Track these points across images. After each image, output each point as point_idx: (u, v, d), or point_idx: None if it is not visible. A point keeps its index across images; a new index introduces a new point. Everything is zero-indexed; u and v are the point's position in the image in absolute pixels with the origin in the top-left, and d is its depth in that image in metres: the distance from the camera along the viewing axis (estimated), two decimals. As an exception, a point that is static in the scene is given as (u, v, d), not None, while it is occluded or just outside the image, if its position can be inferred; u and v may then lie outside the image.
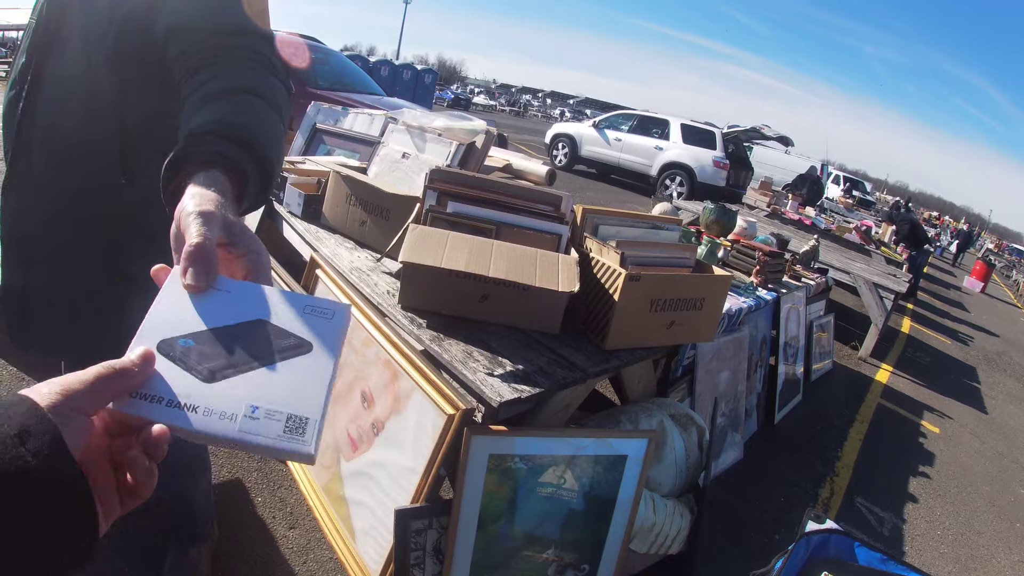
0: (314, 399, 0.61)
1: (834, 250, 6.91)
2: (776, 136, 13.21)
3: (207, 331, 0.65)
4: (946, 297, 13.30)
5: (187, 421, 0.57)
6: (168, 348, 0.61)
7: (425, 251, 1.78)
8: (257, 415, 0.58)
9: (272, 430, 0.58)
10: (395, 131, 2.81)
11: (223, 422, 0.57)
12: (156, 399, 0.57)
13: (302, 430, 0.58)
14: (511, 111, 53.67)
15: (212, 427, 0.57)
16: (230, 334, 0.65)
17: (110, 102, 1.17)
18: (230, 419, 0.57)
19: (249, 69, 1.06)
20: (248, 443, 0.57)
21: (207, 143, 0.83)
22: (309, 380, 0.63)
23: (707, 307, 2.20)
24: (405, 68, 24.75)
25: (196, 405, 0.58)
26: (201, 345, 0.63)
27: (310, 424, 0.59)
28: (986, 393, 6.58)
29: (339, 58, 8.21)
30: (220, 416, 0.57)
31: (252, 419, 0.58)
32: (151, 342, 0.61)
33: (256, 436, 0.57)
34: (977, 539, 3.54)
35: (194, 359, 0.61)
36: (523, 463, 1.74)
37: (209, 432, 0.57)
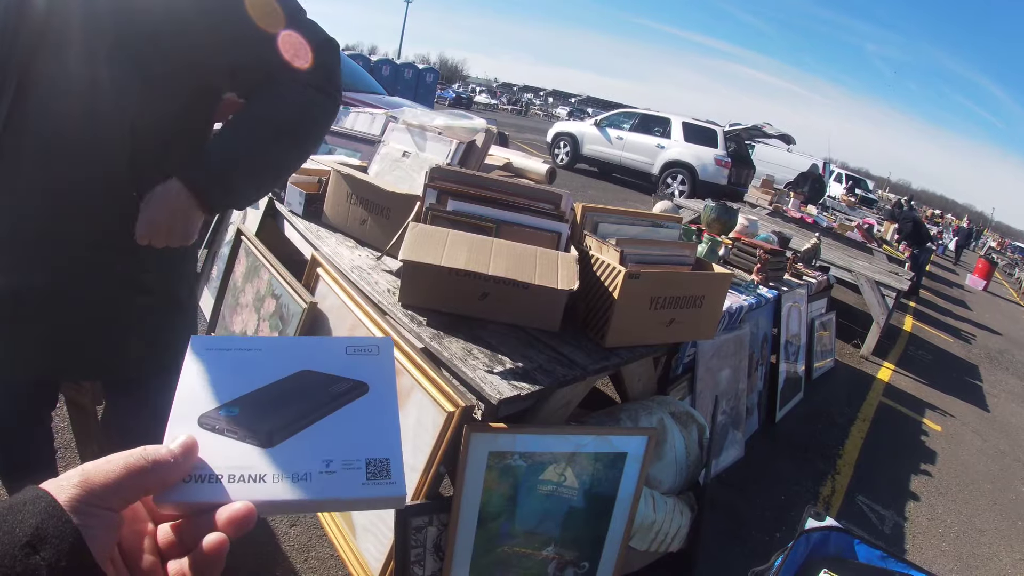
0: (388, 437, 0.58)
1: (836, 248, 6.90)
2: (778, 134, 13.21)
3: (250, 395, 0.60)
4: (948, 295, 13.29)
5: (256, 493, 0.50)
6: (211, 422, 0.56)
7: (425, 249, 1.78)
8: (333, 468, 0.53)
9: (354, 480, 0.53)
10: (395, 130, 2.82)
11: (298, 485, 0.52)
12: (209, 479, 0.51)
13: (386, 472, 0.54)
14: (513, 110, 53.71)
15: (287, 493, 0.51)
16: (276, 392, 0.61)
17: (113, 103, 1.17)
18: (304, 480, 0.52)
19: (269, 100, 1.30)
20: (332, 500, 0.52)
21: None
22: (377, 420, 0.59)
23: (707, 305, 2.20)
24: (407, 67, 24.81)
25: (262, 474, 0.52)
26: (247, 410, 0.57)
27: (393, 464, 0.55)
28: (988, 391, 6.57)
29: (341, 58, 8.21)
30: (293, 480, 0.52)
31: (329, 474, 0.53)
32: (189, 421, 0.55)
33: (339, 491, 0.52)
34: (979, 537, 3.54)
35: (244, 426, 0.55)
36: (523, 460, 1.75)
37: (286, 500, 0.51)
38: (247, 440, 0.54)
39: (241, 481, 0.51)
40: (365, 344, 0.67)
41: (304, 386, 0.61)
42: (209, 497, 0.49)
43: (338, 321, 2.16)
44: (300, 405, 0.59)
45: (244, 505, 0.48)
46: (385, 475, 0.54)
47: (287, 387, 0.61)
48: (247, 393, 0.59)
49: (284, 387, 0.61)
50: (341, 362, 0.64)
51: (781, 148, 18.83)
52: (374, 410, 0.60)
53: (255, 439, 0.54)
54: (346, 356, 0.65)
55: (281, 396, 0.60)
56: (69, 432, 2.47)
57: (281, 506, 0.51)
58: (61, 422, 2.59)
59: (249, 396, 0.59)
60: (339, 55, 1.41)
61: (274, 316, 2.41)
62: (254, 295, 2.59)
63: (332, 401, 0.60)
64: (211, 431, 0.54)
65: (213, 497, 0.49)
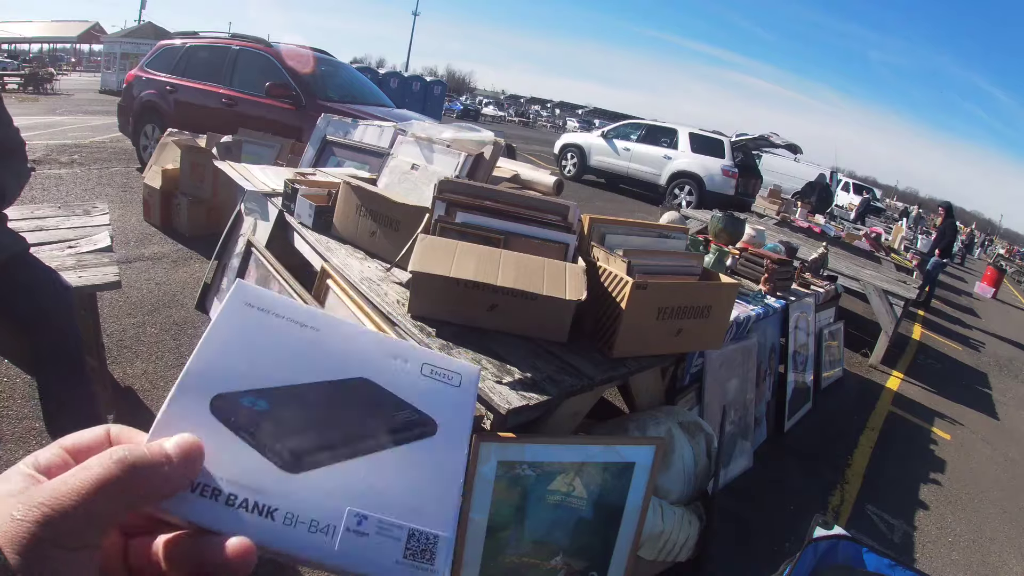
0: (444, 506, 0.44)
1: (843, 257, 6.90)
2: (785, 144, 13.23)
3: (287, 388, 0.46)
4: (957, 303, 13.23)
5: (257, 530, 0.38)
6: (228, 409, 0.43)
7: (434, 261, 1.80)
8: (365, 528, 0.40)
9: (387, 553, 0.40)
10: (404, 142, 2.84)
11: (314, 537, 0.39)
12: (208, 492, 0.39)
13: (430, 554, 0.41)
14: (520, 121, 53.85)
15: (297, 546, 0.39)
16: (323, 397, 0.47)
17: None
18: (325, 533, 0.39)
19: None
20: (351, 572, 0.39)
21: None
22: (437, 478, 0.45)
23: (714, 315, 2.21)
24: (414, 80, 24.96)
25: (273, 507, 0.39)
26: (278, 410, 0.44)
27: (441, 545, 0.42)
28: (998, 399, 6.54)
29: (349, 71, 8.26)
30: (311, 528, 0.39)
31: (358, 536, 0.40)
32: (201, 399, 0.43)
33: (364, 563, 0.39)
34: (989, 546, 3.53)
35: (268, 433, 0.43)
36: (532, 470, 1.76)
37: (292, 551, 0.39)
38: (267, 453, 0.42)
39: (243, 508, 0.39)
40: (447, 368, 0.53)
41: (360, 402, 0.48)
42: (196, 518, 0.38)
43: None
44: (348, 426, 0.46)
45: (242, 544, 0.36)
46: (428, 557, 0.41)
47: (338, 395, 0.48)
48: (285, 386, 0.46)
49: (333, 393, 0.47)
50: (412, 382, 0.50)
51: (788, 158, 18.84)
52: (437, 462, 0.46)
53: (278, 456, 0.42)
54: (420, 377, 0.51)
55: (327, 405, 0.47)
56: (81, 442, 2.50)
57: (284, 556, 0.39)
58: (74, 432, 2.61)
59: (286, 391, 0.46)
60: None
61: (284, 327, 2.43)
62: (264, 306, 2.61)
63: (388, 433, 0.46)
64: (225, 423, 0.42)
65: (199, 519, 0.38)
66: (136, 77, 8.07)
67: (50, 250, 2.42)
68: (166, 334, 3.66)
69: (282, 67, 6.86)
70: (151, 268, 4.65)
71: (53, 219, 2.77)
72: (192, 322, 3.82)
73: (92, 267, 2.37)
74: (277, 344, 0.48)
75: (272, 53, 7.03)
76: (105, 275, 2.34)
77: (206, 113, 7.08)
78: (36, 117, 12.61)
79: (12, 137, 2.02)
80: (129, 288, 4.08)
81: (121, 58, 24.25)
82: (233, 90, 7.03)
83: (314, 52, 7.79)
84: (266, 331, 0.49)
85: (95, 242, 2.58)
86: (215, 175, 5.34)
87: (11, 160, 2.00)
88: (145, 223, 5.71)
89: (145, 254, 4.95)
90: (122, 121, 8.26)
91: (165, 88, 7.55)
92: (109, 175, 7.49)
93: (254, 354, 0.47)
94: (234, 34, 8.02)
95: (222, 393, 0.44)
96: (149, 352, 3.42)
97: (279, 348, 0.48)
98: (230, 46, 7.42)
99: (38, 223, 2.68)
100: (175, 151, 5.67)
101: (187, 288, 4.34)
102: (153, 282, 4.38)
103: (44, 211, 2.84)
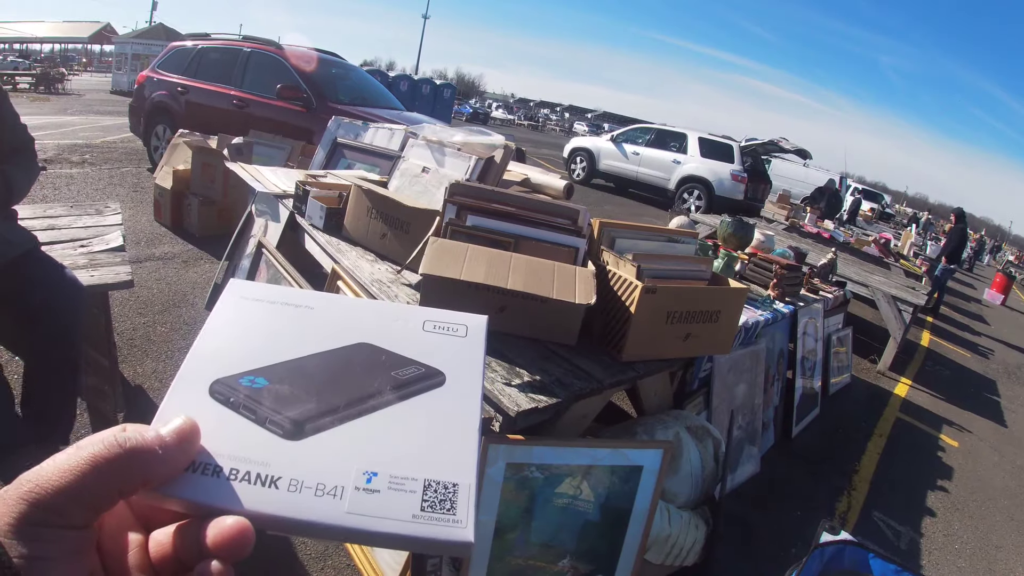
0: (461, 454, 0.42)
1: (852, 263, 6.89)
2: (794, 149, 13.20)
3: (285, 363, 0.46)
4: (966, 310, 13.18)
5: (262, 502, 0.37)
6: (226, 391, 0.43)
7: (445, 263, 1.81)
8: (376, 485, 0.39)
9: (403, 508, 0.38)
10: (415, 145, 2.86)
11: (322, 501, 0.37)
12: (208, 470, 0.38)
13: (450, 504, 0.39)
14: (529, 125, 53.86)
15: (303, 511, 0.37)
16: (321, 366, 0.47)
17: None
18: (333, 495, 0.38)
19: None
20: (365, 531, 0.37)
21: None
22: (449, 426, 0.44)
23: (723, 319, 2.21)
24: (424, 83, 25.00)
25: (276, 476, 0.38)
26: (278, 384, 0.44)
27: (461, 493, 0.39)
28: (1006, 406, 6.52)
29: (360, 73, 8.29)
30: (317, 492, 0.38)
31: (368, 493, 0.38)
32: (199, 386, 0.43)
33: (377, 519, 0.37)
34: (996, 553, 3.51)
35: (268, 406, 0.42)
36: (540, 472, 1.76)
37: (299, 519, 0.37)
38: (267, 426, 0.41)
39: (245, 481, 0.38)
40: (450, 321, 0.52)
41: (360, 364, 0.47)
42: (193, 496, 0.37)
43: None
44: (349, 389, 0.45)
45: (236, 522, 0.35)
46: (448, 507, 0.38)
47: (336, 361, 0.47)
48: (283, 361, 0.46)
49: (332, 361, 0.47)
50: (415, 339, 0.50)
51: (798, 163, 18.81)
52: (448, 412, 0.45)
53: (279, 426, 0.41)
54: (422, 333, 0.50)
55: (326, 372, 0.46)
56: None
57: (293, 526, 0.37)
58: (82, 428, 2.63)
59: (283, 366, 0.46)
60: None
61: (294, 328, 2.44)
62: (275, 307, 2.63)
63: (393, 390, 0.45)
64: (224, 404, 0.42)
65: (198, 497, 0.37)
66: (148, 78, 8.12)
67: (62, 249, 2.43)
68: (176, 333, 3.68)
69: (293, 69, 6.89)
70: (162, 268, 4.67)
71: (65, 218, 2.78)
72: (202, 322, 3.80)
73: (105, 266, 2.39)
74: (273, 326, 0.49)
75: (283, 55, 7.07)
76: (118, 274, 2.35)
77: (217, 114, 7.11)
78: (47, 117, 12.70)
79: (20, 135, 2.04)
80: (140, 287, 4.10)
81: (132, 59, 24.44)
82: (244, 92, 7.07)
83: (325, 55, 7.82)
84: (262, 317, 0.49)
85: (107, 241, 2.59)
86: (226, 176, 5.37)
87: (19, 157, 2.02)
88: (156, 223, 5.74)
89: (156, 254, 4.97)
90: (133, 122, 8.32)
91: (176, 89, 7.59)
92: (120, 175, 7.53)
93: (251, 339, 0.48)
94: (245, 36, 8.06)
95: (220, 378, 0.44)
96: (159, 351, 3.44)
97: (275, 329, 0.48)
98: (241, 48, 7.46)
99: (50, 222, 2.69)
100: (186, 152, 5.70)
101: (197, 288, 4.37)
102: (164, 282, 4.40)
103: (56, 210, 2.85)
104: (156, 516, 0.39)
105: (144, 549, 0.38)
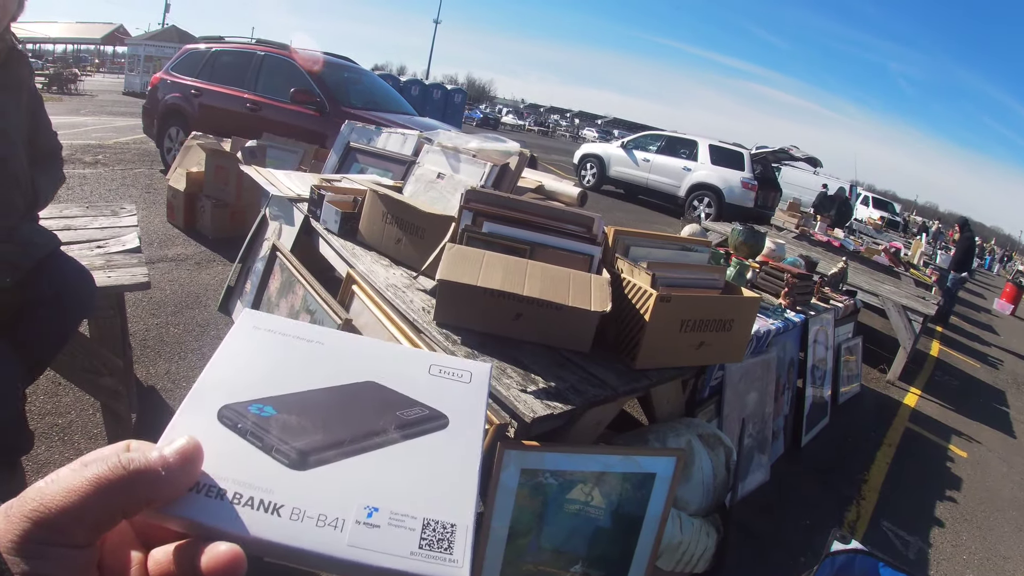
0: (461, 495, 0.43)
1: (863, 272, 6.88)
2: (804, 157, 13.19)
3: (294, 395, 0.48)
4: (976, 320, 13.13)
5: (263, 528, 0.38)
6: (235, 416, 0.44)
7: (462, 270, 1.83)
8: (376, 520, 0.40)
9: (401, 544, 0.39)
10: (430, 151, 2.87)
11: (322, 532, 0.39)
12: (212, 492, 0.39)
13: (447, 543, 0.40)
14: (539, 131, 53.89)
15: (304, 539, 0.38)
16: (329, 400, 0.48)
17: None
18: (333, 527, 0.39)
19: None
20: (363, 565, 0.38)
21: None
22: (450, 468, 0.45)
23: (736, 328, 2.22)
24: (435, 88, 25.10)
25: (279, 504, 0.39)
26: (286, 414, 0.45)
27: (459, 534, 0.41)
28: (1015, 417, 6.50)
29: (372, 78, 8.33)
30: (318, 522, 0.39)
31: (368, 527, 0.39)
32: (208, 410, 0.44)
33: (376, 554, 0.38)
34: (1003, 564, 3.50)
35: (275, 434, 0.43)
36: (554, 478, 1.77)
37: (299, 548, 0.38)
38: (273, 454, 0.42)
39: (248, 506, 0.39)
40: (455, 366, 0.54)
41: (366, 401, 0.49)
42: (196, 516, 0.38)
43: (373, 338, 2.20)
44: (355, 425, 0.46)
45: (229, 549, 0.36)
46: (445, 547, 0.40)
47: (344, 397, 0.49)
48: (292, 393, 0.48)
49: (340, 396, 0.49)
50: (421, 382, 0.52)
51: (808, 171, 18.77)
52: (449, 454, 0.46)
53: (285, 455, 0.42)
54: (428, 376, 0.52)
55: (333, 407, 0.48)
56: (103, 438, 2.54)
57: (292, 554, 0.38)
58: (95, 428, 2.66)
59: (293, 397, 0.47)
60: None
61: (309, 331, 2.45)
62: (288, 310, 2.65)
63: (398, 429, 0.47)
64: (232, 429, 0.43)
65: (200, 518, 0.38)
66: (161, 80, 8.18)
67: (79, 249, 2.45)
68: (189, 335, 3.71)
69: (306, 73, 6.93)
70: (174, 269, 4.70)
71: (81, 219, 2.81)
72: (215, 323, 3.87)
73: (121, 267, 2.41)
74: (283, 357, 0.50)
75: (296, 59, 7.10)
76: (134, 276, 2.37)
77: (230, 117, 7.16)
78: (60, 117, 12.77)
79: (51, 140, 2.06)
80: (153, 289, 4.12)
81: (145, 60, 24.59)
82: (257, 95, 7.11)
83: (337, 59, 7.86)
84: (272, 347, 0.51)
85: (124, 243, 2.62)
86: (239, 178, 5.41)
87: (48, 164, 2.04)
88: (169, 224, 5.78)
89: (169, 255, 5.01)
90: (146, 123, 8.37)
91: (190, 92, 7.65)
92: (133, 176, 7.58)
93: (261, 367, 0.49)
94: (259, 40, 8.10)
95: (229, 403, 0.45)
96: (172, 352, 3.46)
97: (286, 360, 0.50)
98: (255, 51, 7.51)
99: (66, 223, 2.72)
100: (199, 154, 5.74)
101: (210, 290, 4.39)
102: (176, 283, 4.43)
103: (72, 211, 2.88)
104: (156, 534, 0.40)
105: (144, 567, 0.38)
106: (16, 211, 1.85)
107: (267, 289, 2.87)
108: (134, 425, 2.52)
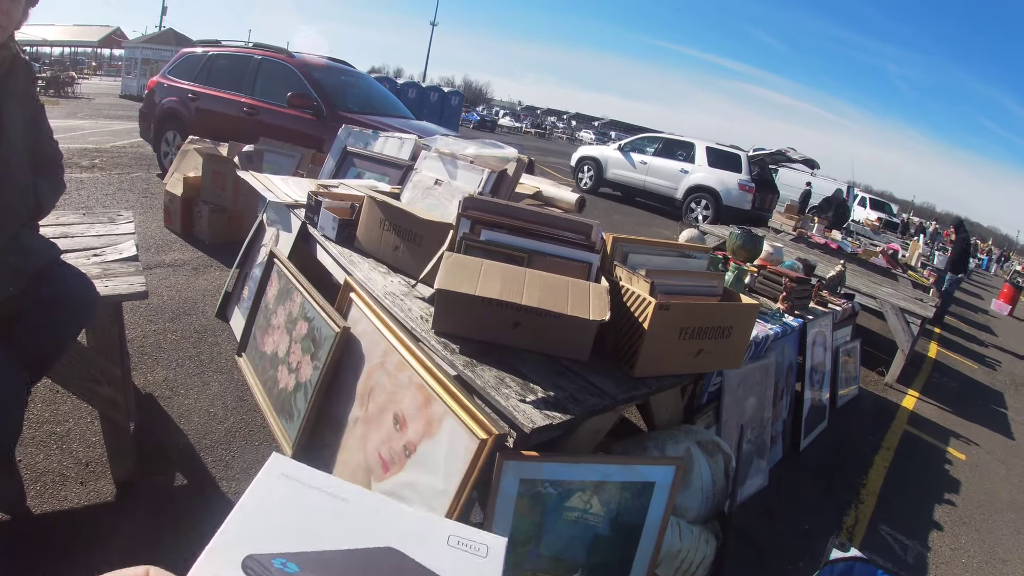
0: None
1: (861, 275, 6.89)
2: (802, 159, 13.21)
3: (318, 554, 0.48)
4: (973, 321, 13.14)
5: None
6: (259, 569, 0.44)
7: (460, 279, 1.82)
8: None
9: None
10: (428, 158, 2.87)
11: None
12: None
13: None
14: (536, 133, 53.86)
15: None
16: (350, 563, 0.48)
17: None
18: None
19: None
20: None
21: None
22: None
23: (735, 335, 2.22)
24: (432, 90, 25.10)
25: None
26: (309, 573, 0.45)
27: None
28: (1013, 419, 6.49)
29: (369, 81, 8.31)
30: None
31: None
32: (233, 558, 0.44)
33: None
34: (1002, 567, 3.50)
35: None
36: (553, 488, 1.77)
37: None
38: None
39: None
40: (472, 539, 0.53)
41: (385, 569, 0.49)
42: None
43: (371, 346, 2.20)
44: None
45: None
46: None
47: (365, 563, 0.49)
48: (317, 551, 0.48)
49: (361, 559, 0.49)
50: (438, 552, 0.51)
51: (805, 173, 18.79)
52: None
53: None
54: (446, 547, 0.52)
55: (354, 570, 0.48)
56: (101, 446, 2.53)
57: None
58: (93, 436, 2.65)
59: (315, 555, 0.48)
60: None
61: (306, 339, 2.46)
62: (286, 317, 2.64)
63: None
64: None
65: None
66: (158, 84, 8.17)
67: (75, 258, 2.43)
68: (186, 341, 3.69)
69: (304, 78, 6.92)
70: (171, 275, 4.69)
71: (78, 226, 2.79)
72: (212, 330, 3.85)
73: (118, 276, 2.40)
74: (308, 512, 0.50)
75: (294, 63, 7.10)
76: (131, 285, 2.36)
77: (227, 121, 7.15)
78: (57, 120, 12.70)
79: (52, 148, 2.06)
80: (150, 295, 4.09)
81: (142, 63, 24.60)
82: (254, 99, 7.10)
83: (334, 62, 7.85)
84: (298, 499, 0.51)
85: (121, 251, 2.60)
86: (236, 183, 5.39)
87: (48, 171, 2.03)
88: (166, 230, 5.77)
89: (166, 261, 5.00)
90: (143, 127, 8.36)
91: (187, 95, 7.64)
92: (130, 180, 7.57)
93: (286, 520, 0.49)
94: (256, 43, 8.10)
95: (254, 554, 0.45)
96: (170, 359, 3.45)
97: (310, 515, 0.50)
98: (252, 55, 7.50)
99: (63, 230, 2.70)
100: (196, 159, 5.73)
101: (207, 296, 4.38)
102: (174, 289, 4.42)
103: (69, 218, 2.86)
104: None
105: None
106: (19, 218, 1.85)
107: (265, 296, 2.87)
108: (132, 433, 2.51)
